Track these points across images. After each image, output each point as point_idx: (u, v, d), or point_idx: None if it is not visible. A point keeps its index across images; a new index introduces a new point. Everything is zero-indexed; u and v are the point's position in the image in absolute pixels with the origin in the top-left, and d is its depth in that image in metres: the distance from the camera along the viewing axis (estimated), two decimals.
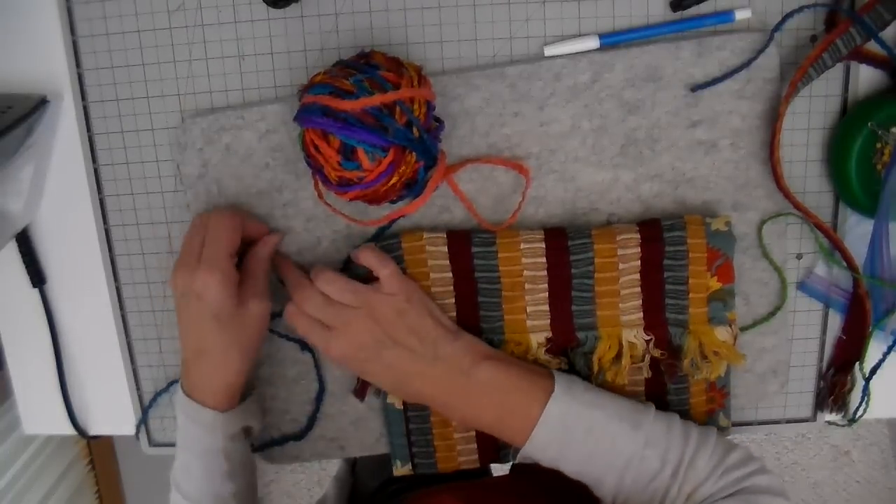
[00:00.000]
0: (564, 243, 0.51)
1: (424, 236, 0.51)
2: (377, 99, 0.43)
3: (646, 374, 0.52)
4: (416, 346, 0.48)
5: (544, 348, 0.52)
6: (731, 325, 0.52)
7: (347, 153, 0.44)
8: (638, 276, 0.51)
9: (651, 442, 0.45)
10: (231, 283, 0.48)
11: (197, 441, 0.50)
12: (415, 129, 0.45)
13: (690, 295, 0.51)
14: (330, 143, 0.44)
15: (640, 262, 0.51)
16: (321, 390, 0.57)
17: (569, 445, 0.46)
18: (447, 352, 0.49)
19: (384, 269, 0.50)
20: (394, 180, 0.45)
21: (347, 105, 0.43)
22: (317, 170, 0.47)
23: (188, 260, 0.48)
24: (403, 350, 0.48)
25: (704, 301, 0.51)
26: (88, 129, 0.55)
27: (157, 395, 0.59)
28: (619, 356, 0.52)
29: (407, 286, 0.50)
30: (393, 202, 0.50)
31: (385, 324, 0.48)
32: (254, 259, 0.52)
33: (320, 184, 0.49)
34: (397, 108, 0.44)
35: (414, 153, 0.45)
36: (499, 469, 0.65)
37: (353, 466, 0.80)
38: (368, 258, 0.50)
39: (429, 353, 0.48)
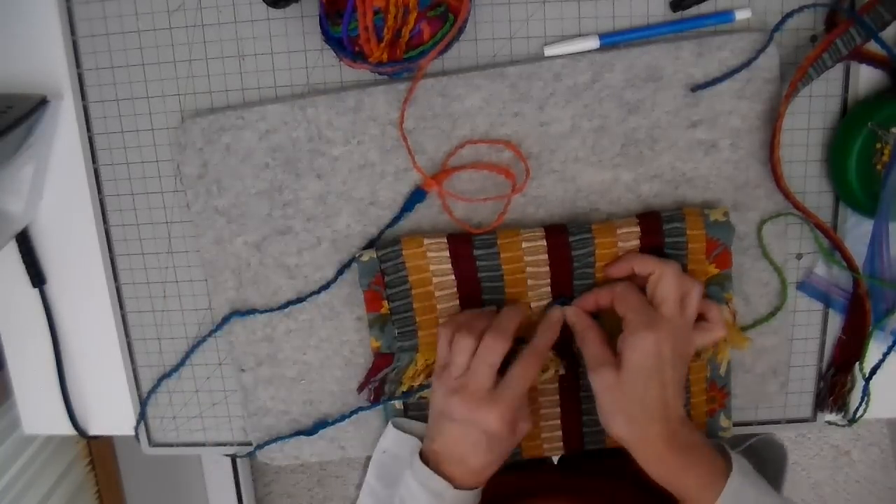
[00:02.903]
0: (565, 239, 0.51)
1: (425, 242, 0.51)
2: None
3: None
4: (681, 375, 0.47)
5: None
6: (728, 304, 0.52)
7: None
8: None
9: None
10: (513, 416, 0.47)
11: None
12: None
13: None
14: None
15: None
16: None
17: None
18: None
19: (696, 288, 0.48)
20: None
21: None
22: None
23: (478, 392, 0.47)
24: (676, 376, 0.46)
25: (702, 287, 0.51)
26: (88, 129, 0.55)
27: (149, 393, 0.59)
28: None
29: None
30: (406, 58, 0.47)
31: (676, 345, 0.46)
32: (524, 380, 0.48)
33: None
34: None
35: None
36: None
37: None
38: (647, 263, 0.48)
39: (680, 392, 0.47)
